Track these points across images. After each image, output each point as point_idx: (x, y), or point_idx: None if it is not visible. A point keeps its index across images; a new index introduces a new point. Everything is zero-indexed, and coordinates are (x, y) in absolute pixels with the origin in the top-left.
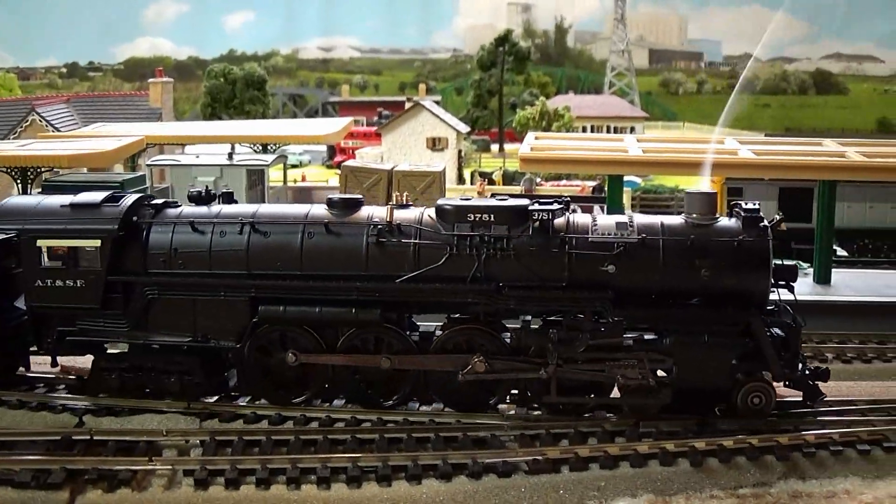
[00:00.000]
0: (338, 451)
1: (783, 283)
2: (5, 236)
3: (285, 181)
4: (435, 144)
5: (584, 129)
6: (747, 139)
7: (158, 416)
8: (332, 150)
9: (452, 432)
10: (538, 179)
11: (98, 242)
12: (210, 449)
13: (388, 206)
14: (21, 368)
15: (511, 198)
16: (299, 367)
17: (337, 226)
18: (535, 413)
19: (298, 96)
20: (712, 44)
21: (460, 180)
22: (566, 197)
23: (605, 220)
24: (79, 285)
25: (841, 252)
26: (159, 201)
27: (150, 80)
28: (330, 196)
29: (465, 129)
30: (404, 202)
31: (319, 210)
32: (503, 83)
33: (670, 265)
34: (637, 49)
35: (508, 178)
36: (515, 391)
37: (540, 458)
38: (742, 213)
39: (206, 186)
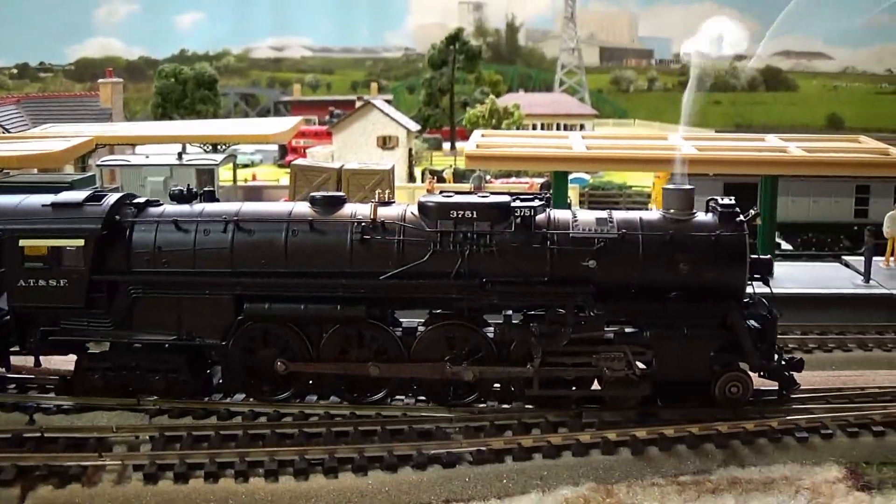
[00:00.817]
0: (285, 444)
1: (758, 276)
2: None
3: (235, 180)
4: (385, 143)
5: (533, 127)
6: (691, 136)
7: (108, 414)
8: (284, 150)
9: (398, 425)
10: (488, 177)
11: (81, 242)
12: (159, 444)
13: (372, 204)
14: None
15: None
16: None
17: (321, 223)
18: (481, 406)
19: (250, 96)
20: (663, 41)
21: (411, 178)
22: (546, 193)
23: (585, 216)
24: (62, 285)
25: (785, 246)
26: (141, 200)
27: (101, 80)
28: (313, 194)
29: (415, 127)
30: (386, 199)
31: (302, 208)
32: (454, 81)
33: (649, 260)
34: (588, 47)
35: (459, 176)
36: (497, 385)
37: (484, 448)
38: (718, 209)
39: (189, 185)
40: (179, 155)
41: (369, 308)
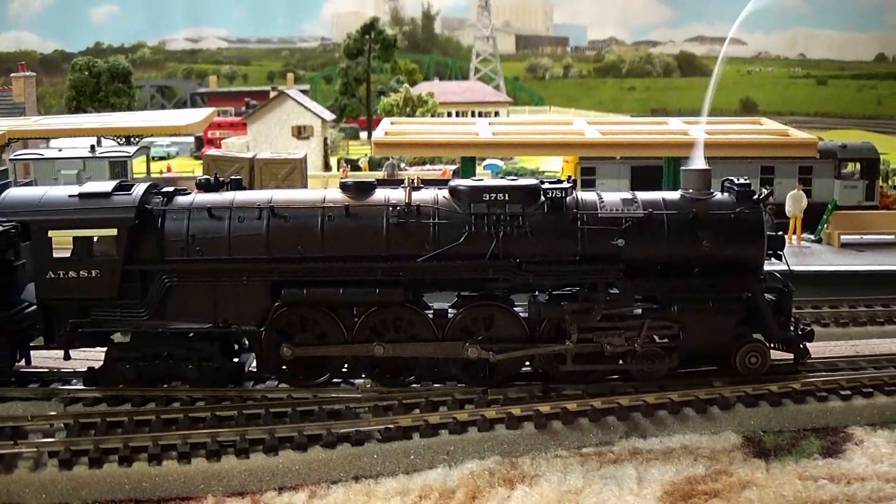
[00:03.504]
0: (198, 427)
1: (772, 251)
2: (3, 228)
3: (149, 172)
4: (300, 132)
5: (448, 115)
6: (597, 120)
7: (24, 403)
8: (200, 142)
9: (309, 406)
10: (402, 164)
11: (115, 231)
12: (74, 431)
13: (407, 188)
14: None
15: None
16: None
17: (356, 208)
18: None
19: (166, 88)
20: (578, 29)
21: (326, 167)
22: (571, 177)
23: (611, 197)
24: (94, 275)
25: None
26: (169, 189)
27: (13, 74)
28: (343, 180)
29: (330, 116)
30: (416, 185)
31: (335, 194)
32: (370, 71)
33: (675, 237)
34: (504, 35)
35: (375, 165)
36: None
37: (392, 426)
38: (735, 188)
39: (216, 174)
40: (92, 148)
41: (406, 291)
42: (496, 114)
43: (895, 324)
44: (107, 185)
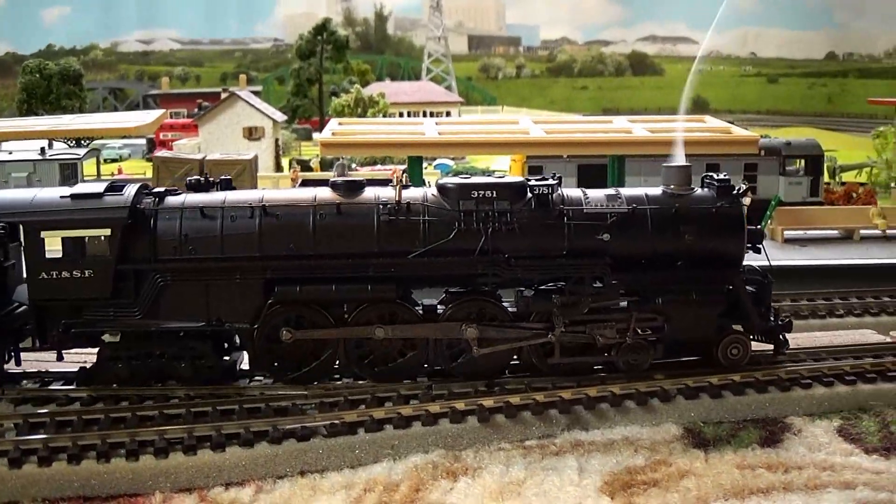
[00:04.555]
0: (146, 426)
1: (752, 244)
2: None
3: (99, 174)
4: (252, 134)
5: (400, 115)
6: (543, 119)
7: None
8: (152, 144)
9: (256, 403)
10: (354, 165)
11: (108, 231)
12: (24, 430)
13: (397, 186)
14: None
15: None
16: (311, 345)
17: (347, 206)
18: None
19: (119, 90)
20: (530, 29)
21: (278, 168)
22: (556, 174)
23: (595, 194)
24: (87, 275)
25: None
26: (160, 189)
27: None
28: (333, 179)
29: (281, 118)
30: (404, 183)
31: (325, 193)
32: (323, 72)
33: (658, 232)
34: (457, 35)
35: (326, 165)
36: (517, 359)
37: (337, 421)
38: (715, 184)
39: (205, 174)
40: (43, 150)
41: (398, 287)
42: (447, 114)
43: (836, 317)
44: (98, 186)
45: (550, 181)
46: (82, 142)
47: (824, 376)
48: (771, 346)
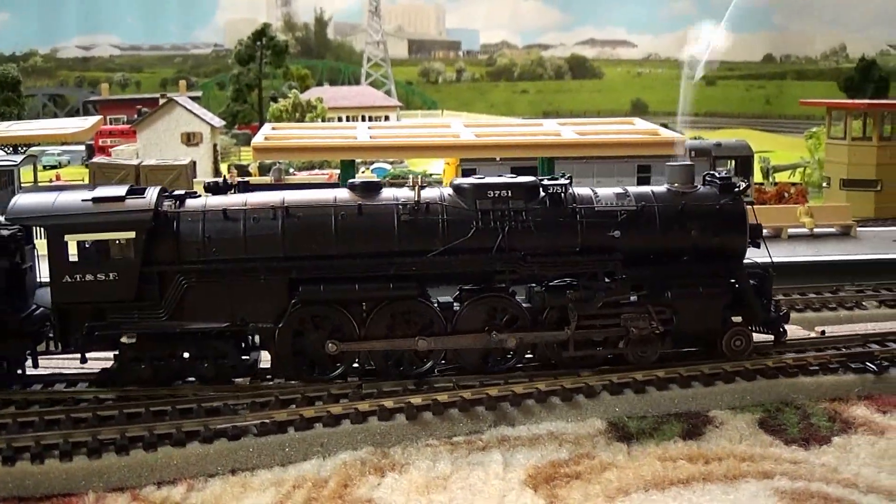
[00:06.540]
0: (80, 427)
1: (752, 239)
2: (9, 232)
3: (36, 181)
4: (190, 139)
5: (339, 120)
6: (473, 123)
7: None
8: (91, 150)
9: (188, 404)
10: (291, 169)
11: (132, 234)
12: None
13: (416, 187)
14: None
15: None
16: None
17: (367, 207)
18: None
19: (59, 96)
20: (470, 33)
21: (217, 173)
22: (567, 174)
23: (605, 192)
24: (111, 278)
25: None
26: (180, 192)
27: None
28: (351, 181)
29: (219, 123)
30: (422, 183)
31: (345, 194)
32: (263, 77)
33: (666, 228)
34: (396, 40)
35: (265, 170)
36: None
37: (268, 420)
38: (717, 182)
39: (224, 177)
40: None
41: (418, 285)
42: (386, 118)
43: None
44: (120, 190)
45: (563, 181)
46: (20, 148)
47: (746, 370)
48: (771, 337)
